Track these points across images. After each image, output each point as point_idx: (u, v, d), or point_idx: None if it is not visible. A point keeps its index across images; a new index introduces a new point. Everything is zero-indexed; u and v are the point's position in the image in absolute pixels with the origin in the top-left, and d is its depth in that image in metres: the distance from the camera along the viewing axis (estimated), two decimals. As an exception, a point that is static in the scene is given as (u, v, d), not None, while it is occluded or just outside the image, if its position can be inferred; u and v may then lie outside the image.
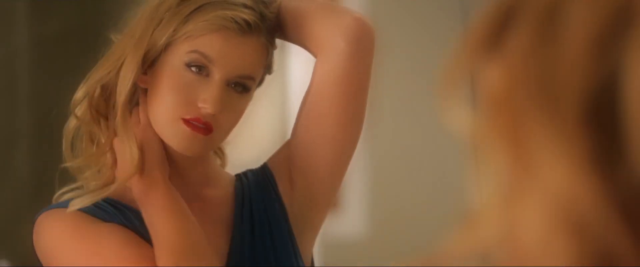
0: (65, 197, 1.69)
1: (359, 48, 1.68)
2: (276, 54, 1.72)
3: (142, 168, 1.64)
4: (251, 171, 1.79)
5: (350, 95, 1.69)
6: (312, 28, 1.69)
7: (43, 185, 1.78)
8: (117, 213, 1.65)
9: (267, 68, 1.70)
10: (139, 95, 1.67)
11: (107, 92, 1.66)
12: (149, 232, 1.61)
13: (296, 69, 3.42)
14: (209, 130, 1.61)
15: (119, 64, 1.64)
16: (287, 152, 1.75)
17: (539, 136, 0.56)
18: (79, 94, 1.67)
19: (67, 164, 1.70)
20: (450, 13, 3.34)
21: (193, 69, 1.61)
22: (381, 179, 3.67)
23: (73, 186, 1.71)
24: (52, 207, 1.67)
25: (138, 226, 1.64)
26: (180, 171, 1.69)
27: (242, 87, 1.63)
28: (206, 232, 1.67)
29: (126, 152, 1.64)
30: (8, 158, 3.14)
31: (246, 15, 1.62)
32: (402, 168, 3.74)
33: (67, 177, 1.72)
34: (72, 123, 1.69)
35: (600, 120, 0.56)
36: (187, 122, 1.61)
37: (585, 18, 0.56)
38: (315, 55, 1.71)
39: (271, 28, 1.67)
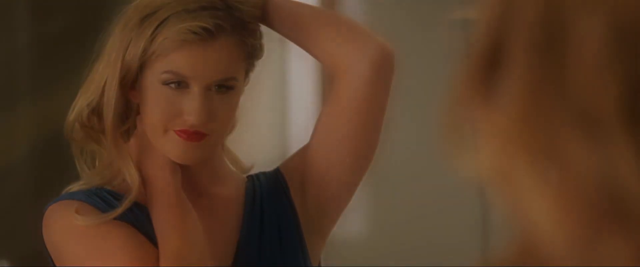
0: (76, 188, 1.68)
1: (383, 74, 1.69)
2: (277, 54, 1.71)
3: (146, 175, 1.65)
4: (264, 173, 1.79)
5: (369, 117, 1.71)
6: (330, 45, 1.68)
7: (43, 185, 1.78)
8: (125, 210, 1.65)
9: (252, 57, 1.67)
10: (136, 106, 1.67)
11: (98, 112, 1.66)
12: (155, 233, 1.62)
13: (296, 71, 3.42)
14: (202, 136, 1.61)
15: (101, 87, 1.64)
16: (301, 159, 1.75)
17: (579, 147, 0.56)
18: (71, 117, 1.67)
19: (84, 182, 1.69)
20: (450, 13, 3.34)
21: (171, 85, 1.61)
22: (381, 179, 3.67)
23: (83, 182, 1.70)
24: (61, 198, 1.67)
25: (145, 223, 1.65)
26: (187, 167, 1.69)
27: (225, 87, 1.62)
28: (212, 229, 1.68)
29: (125, 175, 1.64)
30: (8, 158, 3.14)
31: (203, 22, 1.59)
32: (403, 168, 3.74)
33: (70, 176, 1.72)
34: (73, 147, 1.69)
35: None
36: (178, 132, 1.61)
37: (593, 27, 0.56)
38: (332, 73, 1.71)
39: (244, 22, 1.64)
